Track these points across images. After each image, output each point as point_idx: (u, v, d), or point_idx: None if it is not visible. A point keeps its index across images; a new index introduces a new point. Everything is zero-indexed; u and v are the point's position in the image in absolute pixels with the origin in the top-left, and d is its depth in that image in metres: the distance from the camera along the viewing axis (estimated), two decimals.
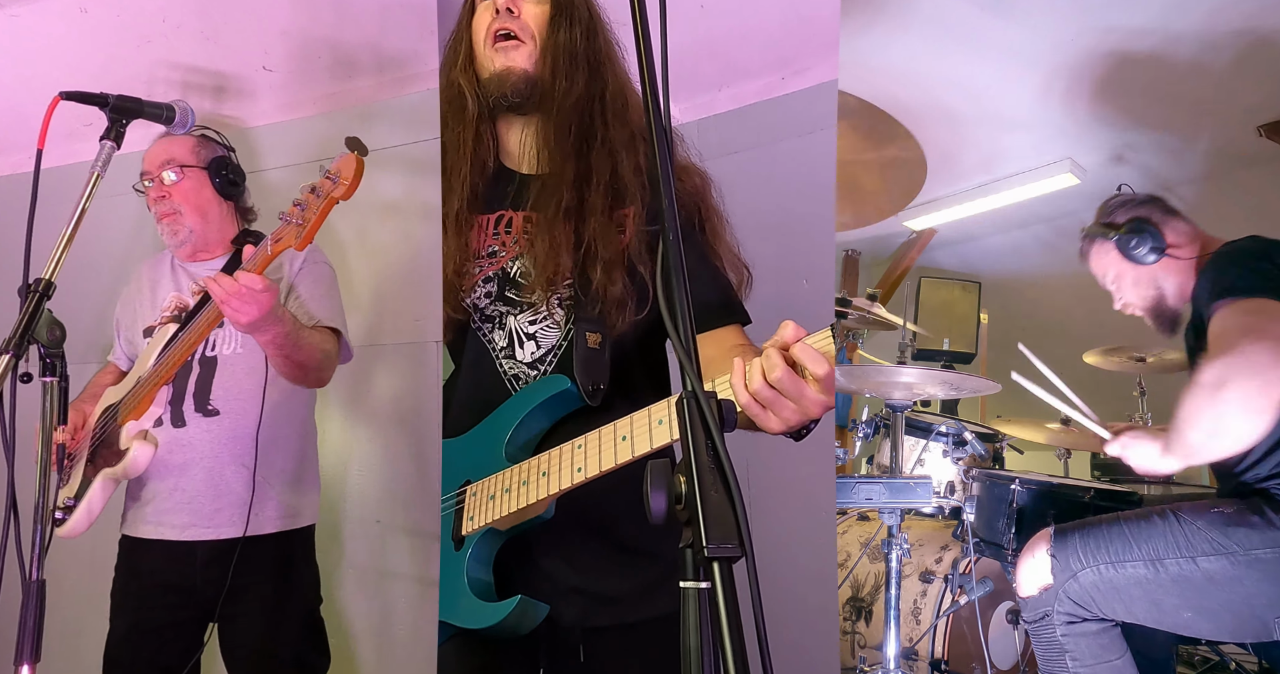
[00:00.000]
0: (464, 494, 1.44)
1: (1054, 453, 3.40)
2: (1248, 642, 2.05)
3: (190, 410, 2.03)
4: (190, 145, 2.13)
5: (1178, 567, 1.84)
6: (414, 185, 2.40)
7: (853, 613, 2.89)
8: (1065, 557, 1.95)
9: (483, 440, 1.44)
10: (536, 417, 1.41)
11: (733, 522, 0.78)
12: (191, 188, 2.11)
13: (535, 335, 1.45)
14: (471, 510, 1.40)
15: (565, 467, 1.29)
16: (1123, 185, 3.10)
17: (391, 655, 2.22)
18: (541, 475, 1.32)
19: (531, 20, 1.47)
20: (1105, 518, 1.99)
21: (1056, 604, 1.95)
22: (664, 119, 0.91)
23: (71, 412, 2.05)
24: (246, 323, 1.69)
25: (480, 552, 1.39)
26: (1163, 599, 1.87)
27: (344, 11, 2.51)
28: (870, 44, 2.94)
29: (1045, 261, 4.21)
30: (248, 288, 1.63)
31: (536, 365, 1.45)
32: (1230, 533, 1.83)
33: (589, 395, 1.38)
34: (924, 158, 2.71)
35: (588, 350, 1.39)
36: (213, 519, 2.01)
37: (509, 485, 1.36)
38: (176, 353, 1.87)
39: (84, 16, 2.55)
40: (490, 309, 1.47)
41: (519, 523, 1.38)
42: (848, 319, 3.24)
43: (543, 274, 1.41)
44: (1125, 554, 1.89)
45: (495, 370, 1.46)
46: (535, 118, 1.49)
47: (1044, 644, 2.00)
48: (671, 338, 0.86)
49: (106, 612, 2.10)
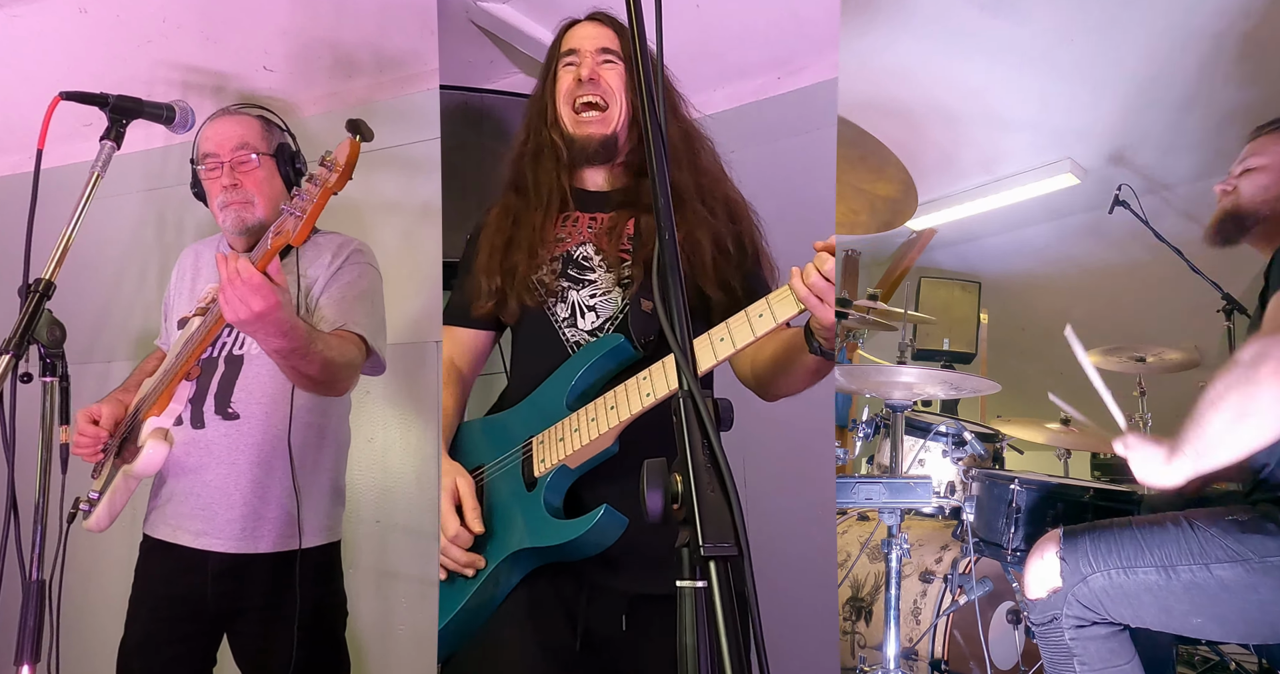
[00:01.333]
0: (529, 446, 1.56)
1: (1054, 453, 3.40)
2: (1255, 643, 2.02)
3: (210, 412, 1.94)
4: (259, 129, 2.01)
5: (1190, 574, 1.81)
6: (414, 185, 2.40)
7: (853, 613, 2.89)
8: (1075, 560, 1.91)
9: (544, 399, 1.58)
10: (595, 369, 1.55)
11: (729, 521, 0.78)
12: (265, 177, 1.98)
13: (595, 307, 1.62)
14: (541, 454, 1.53)
15: (632, 395, 1.44)
16: (1123, 185, 3.10)
17: (392, 655, 2.22)
18: (610, 409, 1.46)
19: (611, 83, 1.66)
20: (1117, 521, 1.95)
21: (1065, 608, 1.91)
22: (661, 119, 0.92)
23: (112, 403, 1.97)
24: (237, 320, 1.60)
25: (556, 484, 1.51)
26: (1174, 606, 1.83)
27: (344, 11, 2.51)
28: (870, 44, 2.94)
29: (1045, 261, 4.21)
30: (244, 279, 1.56)
31: (595, 333, 1.61)
32: (1245, 540, 1.79)
33: (643, 346, 1.54)
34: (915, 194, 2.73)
35: (641, 313, 1.56)
36: (225, 529, 1.92)
37: (577, 426, 1.50)
38: (194, 344, 1.81)
39: (84, 17, 2.55)
40: (554, 285, 1.63)
41: (588, 458, 1.50)
42: (848, 319, 3.24)
43: (608, 257, 1.62)
44: (1137, 560, 1.85)
45: (558, 338, 1.62)
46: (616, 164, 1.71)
47: (1051, 647, 1.98)
48: (668, 336, 0.87)
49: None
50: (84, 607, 2.20)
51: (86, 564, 2.32)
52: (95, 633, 2.15)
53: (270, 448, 1.93)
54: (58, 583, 1.74)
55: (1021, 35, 2.88)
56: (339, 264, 1.98)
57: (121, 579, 2.01)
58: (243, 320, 1.60)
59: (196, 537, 1.93)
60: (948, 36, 2.93)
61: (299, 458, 1.93)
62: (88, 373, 2.28)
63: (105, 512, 1.91)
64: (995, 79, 3.14)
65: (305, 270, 1.98)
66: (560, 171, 1.67)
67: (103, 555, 2.25)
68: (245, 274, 1.56)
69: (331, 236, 2.05)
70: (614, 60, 1.66)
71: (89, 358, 2.42)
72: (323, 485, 2.00)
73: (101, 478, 1.96)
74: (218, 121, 2.01)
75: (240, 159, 1.96)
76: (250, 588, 1.93)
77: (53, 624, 1.67)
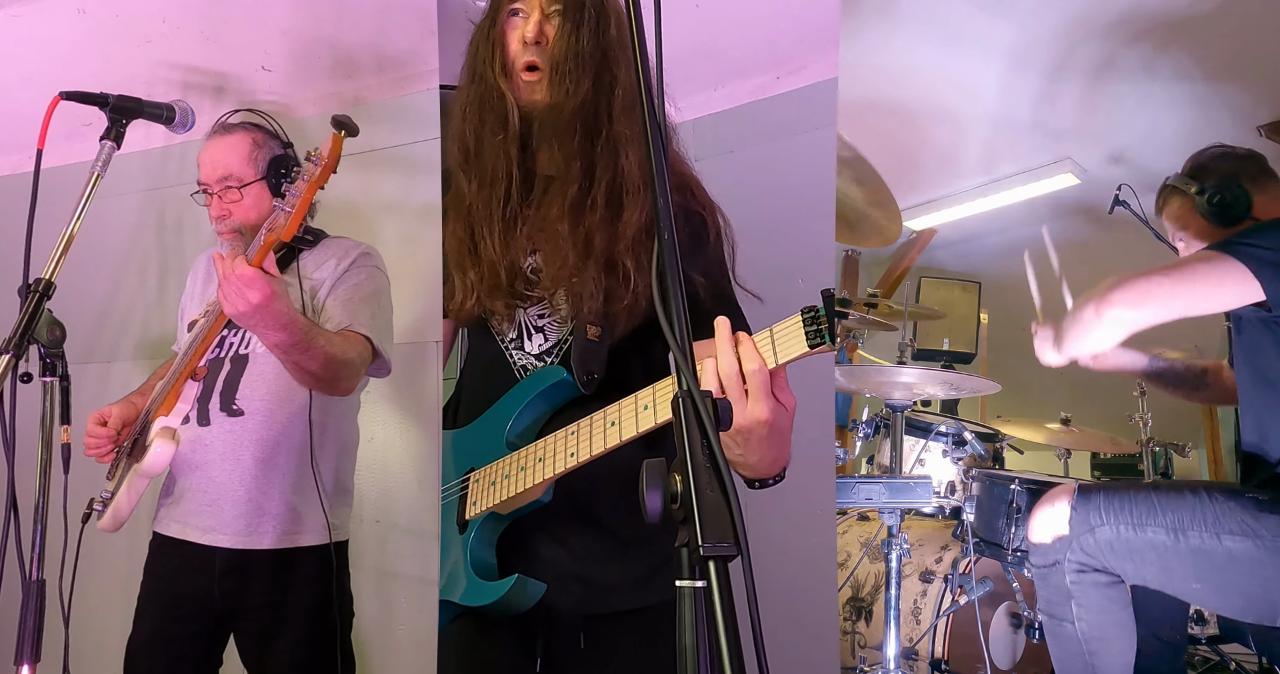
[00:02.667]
0: (467, 481, 1.49)
1: (1054, 453, 3.40)
2: (1250, 621, 2.06)
3: (215, 409, 1.97)
4: (245, 153, 2.03)
5: (1200, 540, 1.86)
6: (414, 185, 2.40)
7: (853, 613, 2.89)
8: (1086, 511, 1.96)
9: (486, 430, 1.50)
10: (535, 405, 1.47)
11: (728, 520, 0.78)
12: (252, 204, 2.02)
13: (543, 328, 1.49)
14: (474, 496, 1.47)
15: (560, 452, 1.36)
16: (1123, 185, 3.10)
17: (392, 655, 2.22)
18: (538, 461, 1.38)
19: (552, 41, 1.47)
20: (1134, 484, 2.01)
21: (1069, 553, 1.97)
22: (659, 118, 0.91)
23: (123, 404, 2.00)
24: (236, 314, 1.64)
25: (483, 534, 1.45)
26: (1176, 567, 1.89)
27: (344, 11, 2.51)
28: (870, 44, 2.94)
29: (1045, 261, 4.21)
30: (239, 273, 1.60)
31: (543, 357, 1.49)
32: (1262, 518, 1.84)
33: (584, 384, 1.43)
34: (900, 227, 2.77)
35: (586, 342, 1.43)
36: (230, 524, 1.94)
37: (509, 472, 1.42)
38: (198, 342, 1.83)
39: (83, 17, 2.56)
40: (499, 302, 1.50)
41: (519, 506, 1.43)
42: (848, 319, 3.24)
43: (549, 271, 1.45)
44: (1149, 519, 1.91)
45: (505, 361, 1.51)
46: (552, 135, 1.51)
47: (1051, 588, 2.02)
48: (667, 337, 0.86)
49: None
50: (84, 606, 2.20)
51: (86, 564, 2.32)
52: (93, 633, 2.15)
53: (273, 444, 1.95)
54: (69, 583, 1.80)
55: (1022, 35, 2.88)
56: (345, 266, 2.01)
57: (121, 579, 2.02)
58: (241, 313, 1.63)
59: (204, 533, 1.96)
60: (947, 36, 2.93)
61: (300, 455, 1.96)
62: (88, 373, 2.28)
63: (114, 513, 1.93)
64: (995, 79, 3.14)
65: (311, 273, 2.01)
66: (510, 144, 1.47)
67: (102, 555, 2.25)
68: (239, 268, 1.60)
69: (339, 241, 2.08)
70: (565, 14, 1.47)
71: (89, 358, 2.42)
72: (324, 483, 2.01)
73: (115, 479, 1.97)
74: (210, 144, 2.05)
75: (224, 190, 2.01)
76: (254, 585, 1.95)
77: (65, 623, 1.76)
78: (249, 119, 2.09)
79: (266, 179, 2.03)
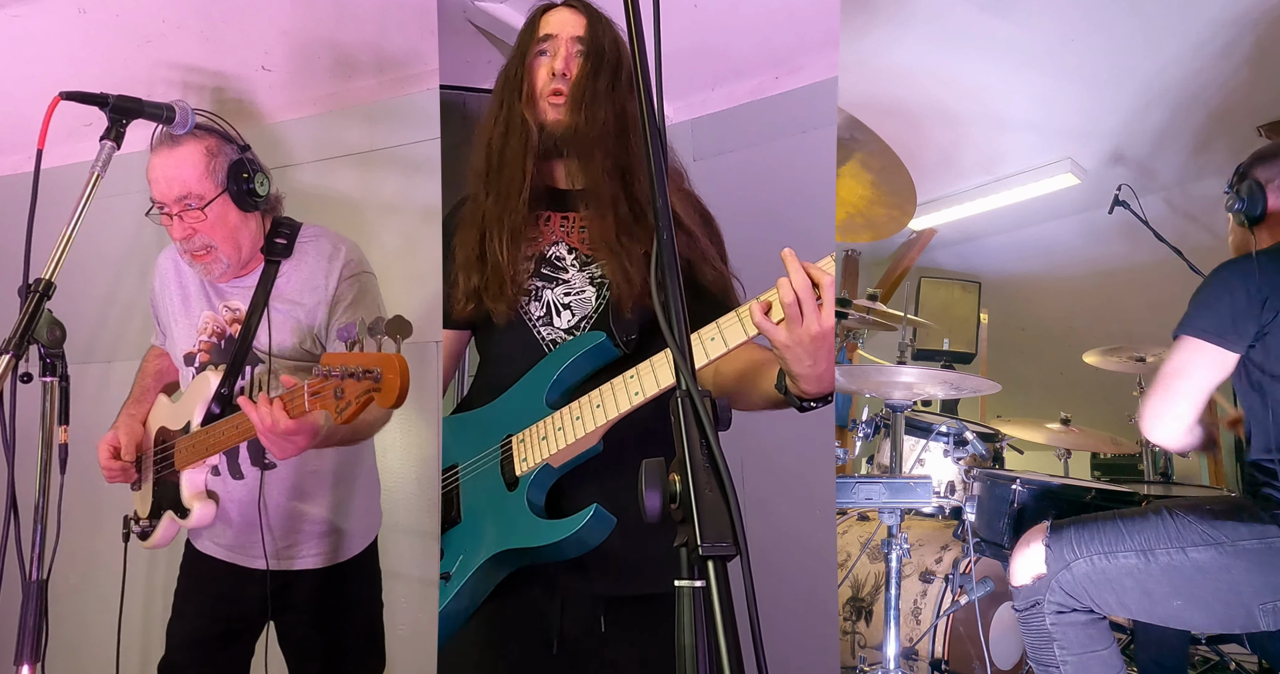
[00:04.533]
0: (508, 445, 1.53)
1: (1054, 453, 3.40)
2: (1236, 632, 2.12)
3: (246, 464, 1.97)
4: (201, 167, 1.85)
5: (1168, 557, 1.93)
6: (414, 185, 2.40)
7: (853, 613, 2.89)
8: (1060, 548, 2.02)
9: (521, 397, 1.55)
10: (575, 368, 1.53)
11: (727, 520, 0.78)
12: (217, 218, 1.86)
13: (570, 305, 1.61)
14: (523, 453, 1.51)
15: (620, 394, 1.42)
16: (1123, 185, 3.11)
17: (392, 655, 2.22)
18: (595, 407, 1.44)
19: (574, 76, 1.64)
20: (1101, 514, 2.08)
21: (1048, 594, 2.02)
22: (658, 118, 0.92)
23: (128, 425, 2.01)
24: (284, 458, 1.71)
25: (540, 483, 1.49)
26: (1153, 588, 1.95)
27: (344, 11, 2.51)
28: (870, 44, 2.94)
29: (1045, 262, 4.22)
30: (283, 432, 1.62)
31: (573, 331, 1.60)
32: (1219, 525, 1.93)
33: (624, 345, 1.54)
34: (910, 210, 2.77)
35: (621, 314, 1.57)
36: (270, 550, 1.97)
37: (560, 424, 1.47)
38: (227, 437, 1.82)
39: (83, 17, 2.56)
40: (528, 282, 1.62)
41: (572, 457, 1.48)
42: (848, 319, 3.24)
43: (594, 231, 1.60)
44: (1118, 544, 1.97)
45: (533, 337, 1.61)
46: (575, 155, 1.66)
47: (1033, 632, 2.07)
48: (666, 336, 0.87)
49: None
50: (83, 606, 2.20)
51: (86, 564, 2.33)
52: (91, 632, 2.15)
53: (306, 487, 1.99)
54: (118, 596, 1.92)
55: (1022, 35, 2.88)
56: (334, 283, 1.94)
57: (120, 578, 2.04)
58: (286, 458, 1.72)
59: (244, 557, 2.00)
60: (948, 36, 2.93)
61: (334, 481, 2.02)
62: (88, 373, 2.28)
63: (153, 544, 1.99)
64: (995, 79, 3.15)
65: (298, 297, 1.95)
66: (529, 159, 1.61)
67: (102, 555, 2.26)
68: (282, 426, 1.62)
69: (315, 243, 1.99)
70: (586, 52, 1.64)
71: (89, 358, 2.42)
72: (365, 498, 2.10)
73: (145, 502, 2.01)
74: (159, 158, 1.87)
75: (184, 209, 1.85)
76: (298, 594, 2.00)
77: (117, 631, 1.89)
78: (199, 122, 1.85)
79: (228, 190, 1.87)
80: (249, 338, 1.92)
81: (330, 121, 2.58)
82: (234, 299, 1.98)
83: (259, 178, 1.91)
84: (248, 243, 1.93)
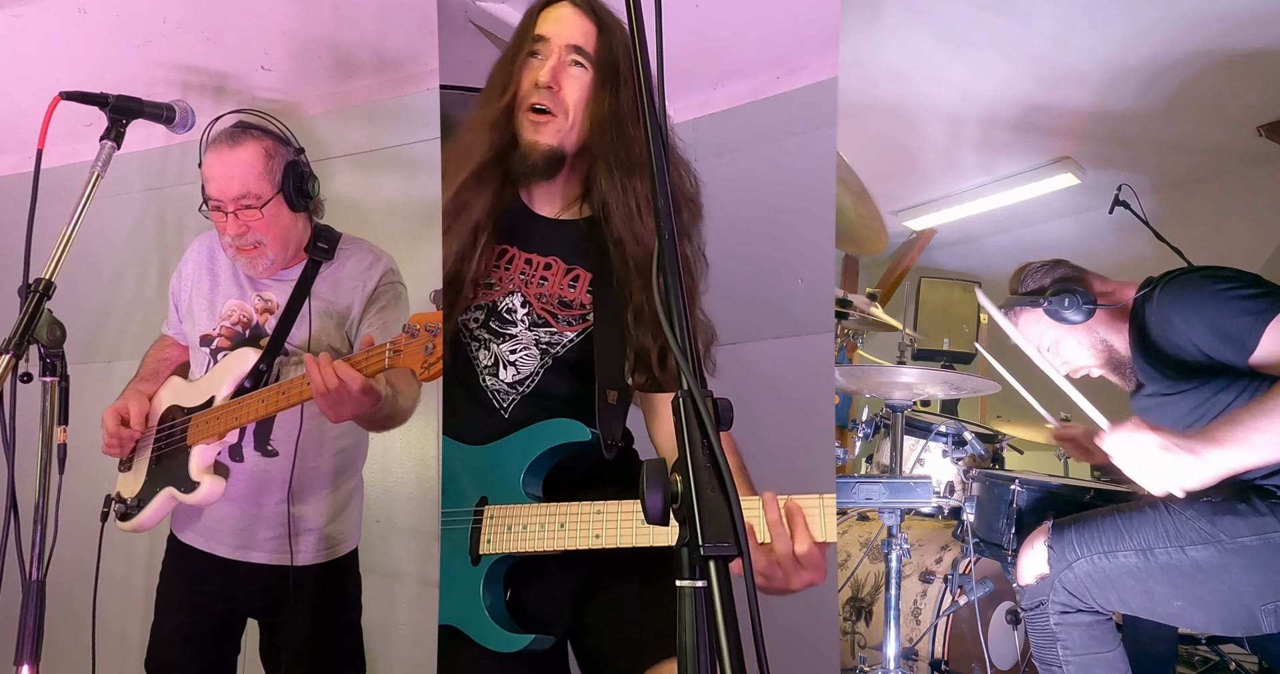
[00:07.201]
0: (481, 514, 1.52)
1: (1054, 453, 3.40)
2: (1238, 634, 2.09)
3: (249, 447, 1.98)
4: (260, 167, 1.91)
5: (1167, 556, 1.90)
6: (414, 185, 2.40)
7: (853, 613, 2.89)
8: (1062, 548, 2.01)
9: (498, 462, 1.53)
10: (553, 455, 1.52)
11: (728, 521, 0.78)
12: (271, 217, 1.92)
13: (515, 363, 1.57)
14: (489, 534, 1.50)
15: (585, 528, 1.42)
16: (1123, 185, 3.11)
17: (392, 655, 2.22)
18: (560, 527, 1.43)
19: (570, 94, 1.52)
20: (1100, 511, 2.06)
21: (1052, 594, 2.01)
22: (660, 118, 0.92)
23: (136, 398, 1.99)
24: (339, 419, 1.69)
25: (495, 573, 1.50)
26: (1154, 588, 1.93)
27: (344, 11, 2.50)
28: (870, 44, 2.94)
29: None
30: (347, 387, 1.60)
31: (516, 387, 1.57)
32: (1218, 522, 1.89)
33: (607, 448, 1.50)
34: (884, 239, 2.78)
35: (607, 406, 1.51)
36: (262, 546, 1.98)
37: (527, 523, 1.47)
38: (266, 406, 1.81)
39: (83, 17, 2.56)
40: (477, 332, 1.59)
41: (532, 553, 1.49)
42: (848, 319, 3.24)
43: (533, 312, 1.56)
44: (1118, 544, 1.95)
45: (479, 384, 1.59)
46: (560, 177, 1.58)
47: (1038, 632, 2.06)
48: (668, 336, 0.87)
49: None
50: (82, 606, 2.20)
51: (84, 564, 2.32)
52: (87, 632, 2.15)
53: (304, 481, 1.98)
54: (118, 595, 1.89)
55: (1021, 35, 2.88)
56: (371, 288, 2.00)
57: (121, 578, 2.03)
58: (338, 420, 1.70)
59: (233, 550, 2.00)
60: (947, 36, 2.93)
61: (331, 481, 2.03)
62: (88, 373, 2.27)
63: (137, 525, 1.96)
64: (995, 79, 3.14)
65: (336, 298, 1.99)
66: (504, 176, 1.55)
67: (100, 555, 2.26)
68: (358, 384, 1.60)
69: (355, 250, 2.05)
70: (583, 64, 1.52)
71: (89, 358, 2.41)
72: (356, 501, 2.10)
73: (137, 480, 1.98)
74: (217, 155, 1.92)
75: (243, 207, 1.90)
76: (282, 592, 1.98)
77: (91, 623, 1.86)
78: (256, 123, 1.98)
79: (283, 190, 1.93)
80: (290, 323, 1.94)
81: (330, 121, 2.58)
82: (268, 290, 2.00)
83: (311, 180, 1.99)
84: (294, 242, 1.99)
